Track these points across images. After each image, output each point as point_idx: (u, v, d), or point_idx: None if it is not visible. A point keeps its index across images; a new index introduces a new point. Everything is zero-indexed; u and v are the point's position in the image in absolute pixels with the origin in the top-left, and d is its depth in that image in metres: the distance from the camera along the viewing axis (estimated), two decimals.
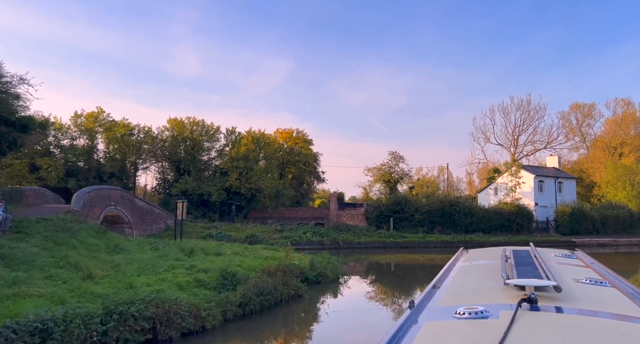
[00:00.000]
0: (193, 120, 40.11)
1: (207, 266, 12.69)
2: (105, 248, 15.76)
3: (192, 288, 10.54)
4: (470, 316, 2.32)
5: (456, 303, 2.60)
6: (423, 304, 2.82)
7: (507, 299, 2.64)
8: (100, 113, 37.24)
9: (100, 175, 35.50)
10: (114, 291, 8.85)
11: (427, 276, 23.37)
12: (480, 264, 4.37)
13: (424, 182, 68.10)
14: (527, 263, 3.65)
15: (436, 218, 38.15)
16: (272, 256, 16.68)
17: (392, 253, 31.66)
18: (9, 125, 15.26)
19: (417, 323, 2.41)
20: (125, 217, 28.08)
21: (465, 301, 2.64)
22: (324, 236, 32.58)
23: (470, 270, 4.19)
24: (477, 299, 2.69)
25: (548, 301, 2.52)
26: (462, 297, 2.96)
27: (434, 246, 34.65)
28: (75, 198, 22.15)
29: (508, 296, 2.71)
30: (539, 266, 3.39)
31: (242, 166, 36.78)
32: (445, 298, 2.98)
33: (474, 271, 4.09)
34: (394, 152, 52.33)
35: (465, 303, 2.55)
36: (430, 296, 3.08)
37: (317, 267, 16.24)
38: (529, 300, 2.39)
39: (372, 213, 38.49)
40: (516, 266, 3.46)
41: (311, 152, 47.47)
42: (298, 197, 47.04)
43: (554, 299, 2.56)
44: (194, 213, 36.14)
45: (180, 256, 14.59)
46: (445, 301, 2.87)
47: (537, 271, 3.21)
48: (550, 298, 2.58)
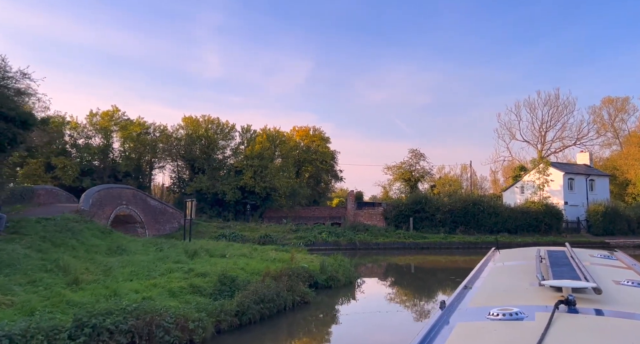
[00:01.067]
0: (208, 118, 39.57)
1: (206, 269, 11.79)
2: (106, 250, 15.09)
3: (186, 294, 9.63)
4: (504, 317, 2.28)
5: (489, 304, 2.58)
6: (454, 305, 2.81)
7: (542, 300, 2.59)
8: (115, 112, 37.07)
9: (115, 174, 35.29)
10: (95, 300, 8.00)
11: (449, 279, 22.10)
12: (512, 264, 4.31)
13: (446, 181, 66.05)
14: (564, 263, 3.57)
15: (459, 217, 36.52)
16: (280, 258, 15.69)
17: (411, 254, 30.31)
18: (9, 121, 14.73)
19: (449, 324, 2.39)
20: (137, 217, 27.65)
21: (498, 302, 2.60)
22: (340, 236, 31.46)
23: (503, 270, 4.12)
24: (510, 301, 2.63)
25: (587, 303, 2.44)
26: (495, 298, 2.90)
27: (456, 248, 33.11)
28: (84, 198, 21.72)
29: (544, 297, 2.66)
30: (576, 267, 3.31)
31: (256, 164, 35.99)
32: (478, 299, 2.94)
33: (506, 271, 4.03)
34: (415, 149, 50.79)
35: (499, 304, 2.52)
36: (461, 296, 3.06)
37: (328, 270, 15.17)
38: (566, 302, 2.33)
39: (391, 212, 37.12)
40: (552, 267, 3.39)
41: (328, 150, 46.35)
42: (315, 196, 46.01)
43: (593, 301, 2.48)
44: (208, 213, 35.57)
45: (182, 259, 13.75)
46: (477, 302, 2.85)
47: (575, 272, 3.14)
48: (590, 300, 2.50)
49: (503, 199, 44.75)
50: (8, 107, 14.92)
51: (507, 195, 46.70)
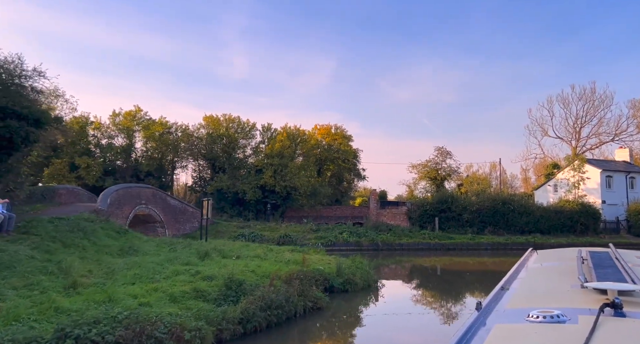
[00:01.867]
0: (229, 117, 39.34)
1: (214, 272, 11.18)
2: (118, 250, 14.75)
3: (188, 300, 9.01)
4: (544, 320, 2.23)
5: (528, 306, 2.56)
6: (491, 306, 2.78)
7: (585, 303, 2.51)
8: (137, 112, 37.31)
9: (137, 173, 35.49)
10: (86, 306, 7.47)
11: (478, 281, 20.91)
12: (551, 265, 4.26)
13: (474, 179, 63.94)
14: (608, 265, 3.50)
15: (487, 217, 34.93)
16: (295, 259, 14.97)
17: (437, 256, 29.09)
18: (22, 119, 14.59)
19: (486, 325, 2.35)
20: (157, 216, 27.54)
21: (537, 304, 2.55)
22: (362, 236, 30.53)
23: (541, 271, 4.09)
24: (551, 303, 2.57)
25: (634, 306, 2.35)
26: (534, 300, 2.85)
27: (485, 249, 31.63)
28: (102, 197, 21.64)
29: (587, 300, 2.58)
30: (622, 268, 3.24)
31: (276, 163, 35.46)
32: (516, 300, 2.92)
33: (545, 272, 3.99)
34: (441, 147, 49.15)
35: (538, 305, 2.49)
36: (498, 297, 3.01)
37: (345, 273, 14.34)
38: (612, 305, 2.24)
39: (416, 212, 35.87)
40: (595, 269, 3.33)
41: (350, 149, 45.39)
42: (337, 195, 45.17)
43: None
44: (229, 212, 35.31)
45: (192, 260, 13.22)
46: (515, 304, 2.82)
47: (620, 274, 3.07)
48: (637, 303, 2.42)
49: (535, 198, 42.77)
50: (21, 105, 14.78)
51: (539, 193, 44.60)
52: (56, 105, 36.04)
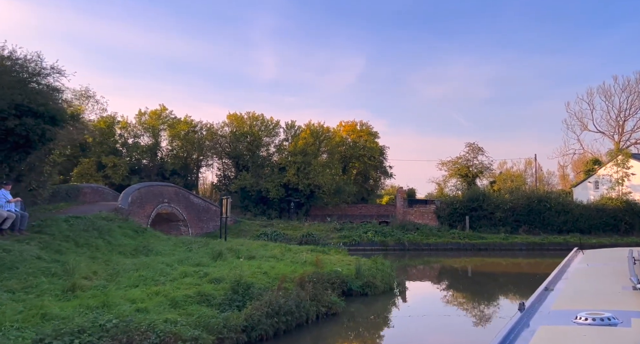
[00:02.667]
0: (252, 115, 39.05)
1: (223, 274, 10.60)
2: (132, 250, 14.45)
3: (190, 304, 8.43)
4: (594, 322, 2.17)
5: (575, 307, 2.49)
6: (535, 307, 2.73)
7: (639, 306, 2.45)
8: (163, 111, 37.58)
9: (162, 172, 35.71)
10: (77, 312, 6.98)
11: (512, 283, 19.62)
12: (600, 266, 4.19)
13: (507, 176, 61.41)
14: None
15: (521, 216, 33.16)
16: (312, 260, 14.23)
17: (467, 256, 27.73)
18: (38, 117, 14.51)
19: (530, 327, 2.30)
20: (180, 215, 27.47)
21: (585, 306, 2.48)
22: (388, 236, 29.50)
23: (589, 272, 4.00)
24: (600, 305, 2.50)
25: None
26: (581, 301, 2.79)
27: (519, 249, 29.97)
28: (123, 196, 21.61)
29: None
30: None
31: (299, 160, 34.84)
32: (562, 302, 2.85)
33: (593, 273, 3.92)
34: (472, 143, 47.27)
35: (587, 307, 2.43)
36: (542, 298, 2.96)
37: (365, 275, 13.51)
38: None
39: (445, 210, 34.48)
40: None
41: (377, 146, 44.20)
42: (363, 193, 44.16)
43: None
44: (253, 211, 35.00)
45: (203, 261, 12.72)
46: (561, 305, 2.76)
47: None
48: None
49: (573, 195, 40.41)
50: (38, 102, 14.68)
51: (579, 191, 42.13)
52: (87, 105, 36.87)
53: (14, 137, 14.36)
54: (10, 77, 14.25)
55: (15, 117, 14.12)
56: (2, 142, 14.36)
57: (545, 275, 3.87)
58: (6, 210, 11.83)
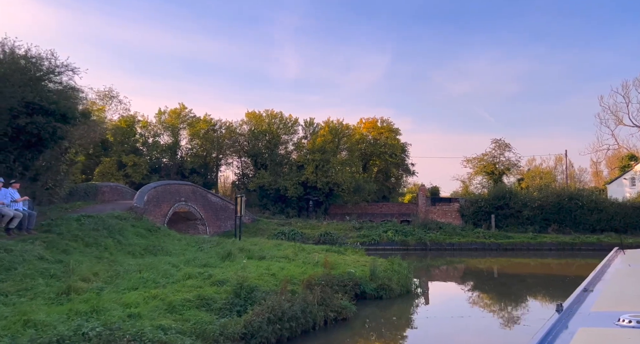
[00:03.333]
0: (271, 113, 38.71)
1: (228, 276, 10.11)
2: (142, 250, 14.18)
3: (188, 309, 7.96)
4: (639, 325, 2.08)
5: (617, 309, 2.43)
6: (574, 309, 2.67)
7: None
8: (182, 109, 37.69)
9: (182, 171, 35.81)
10: (65, 318, 6.60)
11: (541, 285, 18.47)
12: None
13: (535, 173, 59.19)
14: None
15: (551, 214, 31.62)
16: (327, 261, 13.60)
17: (492, 256, 26.55)
18: (49, 115, 14.44)
19: (568, 329, 2.26)
20: (197, 213, 27.34)
21: (628, 308, 2.43)
22: (408, 235, 28.58)
23: (631, 273, 3.85)
24: None
25: None
26: (624, 303, 2.70)
27: (548, 249, 28.54)
28: (138, 195, 21.52)
29: None
30: None
31: (318, 158, 34.26)
32: (602, 303, 2.77)
33: (636, 274, 3.77)
34: (499, 139, 45.65)
35: (630, 309, 2.38)
36: (581, 300, 2.89)
37: (380, 277, 12.81)
38: None
39: (469, 209, 33.26)
40: None
41: (398, 143, 43.13)
42: (384, 192, 43.23)
43: None
44: (271, 209, 34.67)
45: (211, 261, 12.30)
46: (602, 307, 2.69)
47: None
48: None
49: (607, 193, 38.36)
50: (49, 100, 14.61)
51: (613, 188, 39.99)
52: (110, 105, 37.39)
53: (25, 135, 14.34)
54: (21, 75, 14.21)
55: (27, 115, 14.08)
56: (14, 140, 14.35)
57: (576, 276, 3.75)
58: (13, 209, 11.70)
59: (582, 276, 3.72)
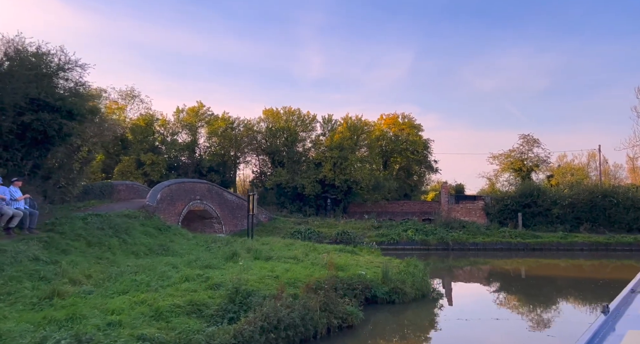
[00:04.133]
0: (289, 110, 38.16)
1: (227, 279, 9.52)
2: (147, 250, 13.80)
3: (177, 315, 7.39)
4: None
5: None
6: (621, 310, 2.62)
7: None
8: (200, 108, 37.59)
9: (199, 169, 35.69)
10: (35, 327, 6.10)
11: (572, 287, 17.21)
12: None
13: (566, 169, 56.68)
14: None
15: (583, 212, 29.89)
16: (336, 263, 12.87)
17: (519, 257, 25.20)
18: (55, 112, 14.25)
19: (616, 331, 2.20)
20: (213, 212, 27.05)
21: None
22: (429, 234, 27.48)
23: None
24: None
25: None
26: None
27: (580, 249, 26.92)
28: (151, 193, 21.29)
29: None
30: None
31: (335, 155, 33.47)
32: None
33: None
34: (527, 134, 43.78)
35: None
36: (629, 301, 2.81)
37: (393, 279, 11.99)
38: None
39: (494, 207, 31.82)
40: None
41: (420, 139, 41.86)
42: (406, 189, 42.07)
43: None
44: (289, 207, 34.12)
45: (214, 262, 11.76)
46: None
47: None
48: None
49: None
50: (55, 97, 14.41)
51: None
52: (132, 104, 37.66)
53: (31, 133, 14.17)
54: (27, 71, 14.03)
55: (32, 111, 13.90)
56: (20, 138, 14.20)
57: (611, 279, 3.82)
58: (14, 208, 11.45)
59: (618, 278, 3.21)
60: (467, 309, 12.86)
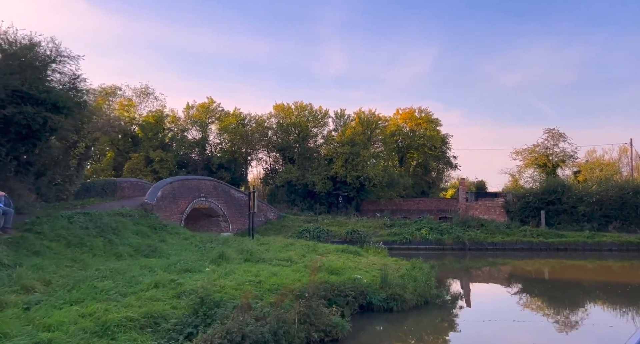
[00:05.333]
0: (300, 105, 37.13)
1: (200, 284, 8.56)
2: (133, 251, 13.03)
3: (127, 331, 6.46)
4: None
5: None
6: None
7: None
8: (210, 104, 36.98)
9: (209, 166, 35.09)
10: None
11: (600, 290, 15.56)
12: None
13: (595, 165, 53.81)
14: None
15: (612, 210, 27.90)
16: (330, 265, 11.78)
17: (542, 258, 23.52)
18: (39, 105, 13.61)
19: None
20: (219, 210, 26.31)
21: None
22: (445, 233, 26.02)
23: None
24: None
25: None
26: None
27: (609, 249, 25.02)
28: (152, 190, 20.60)
29: None
30: None
31: (347, 151, 32.27)
32: None
33: None
34: (552, 128, 41.54)
35: None
36: None
37: (392, 284, 10.83)
38: None
39: (515, 204, 30.07)
40: None
41: (438, 134, 40.12)
42: (423, 186, 40.50)
43: None
44: (299, 205, 33.15)
45: (196, 266, 10.85)
46: None
47: None
48: None
49: None
50: (39, 89, 13.77)
51: None
52: (146, 102, 37.36)
53: (15, 127, 13.56)
54: (11, 62, 13.42)
55: (15, 104, 13.28)
56: (3, 132, 13.62)
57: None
58: None
59: None
60: (484, 310, 11.63)
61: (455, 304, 12.52)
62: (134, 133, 35.23)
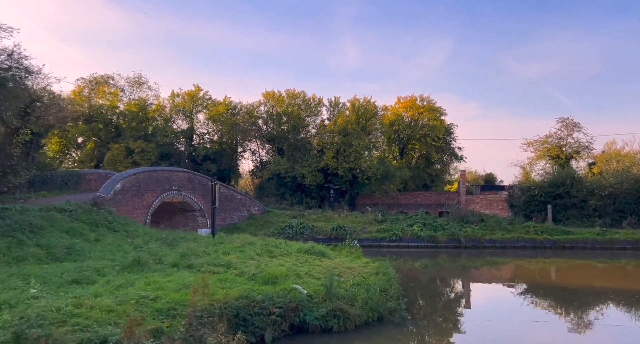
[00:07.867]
0: (292, 92, 34.96)
1: (61, 305, 6.62)
2: (45, 254, 11.10)
3: None
4: None
5: None
6: None
7: None
8: (197, 92, 35.10)
9: (194, 158, 33.30)
10: None
11: (613, 292, 13.97)
12: None
13: (612, 156, 50.50)
14: None
15: (626, 205, 25.35)
16: (271, 272, 9.75)
17: (546, 257, 21.14)
18: None
19: None
20: (194, 204, 24.49)
21: None
22: (439, 230, 23.74)
23: None
24: None
25: None
26: None
27: (622, 248, 22.50)
28: (108, 183, 18.80)
29: None
30: None
31: (338, 141, 30.09)
32: None
33: None
34: (566, 118, 38.63)
35: None
36: None
37: (339, 296, 8.78)
38: None
39: (519, 198, 27.63)
40: None
41: (441, 124, 37.45)
42: (425, 179, 38.07)
43: None
44: (289, 199, 31.16)
45: (92, 276, 8.94)
46: None
47: None
48: None
49: None
50: None
51: None
52: (139, 91, 35.73)
53: None
54: None
55: None
56: None
57: None
58: None
59: None
60: (463, 329, 9.45)
61: (420, 319, 10.39)
62: (117, 123, 33.64)
